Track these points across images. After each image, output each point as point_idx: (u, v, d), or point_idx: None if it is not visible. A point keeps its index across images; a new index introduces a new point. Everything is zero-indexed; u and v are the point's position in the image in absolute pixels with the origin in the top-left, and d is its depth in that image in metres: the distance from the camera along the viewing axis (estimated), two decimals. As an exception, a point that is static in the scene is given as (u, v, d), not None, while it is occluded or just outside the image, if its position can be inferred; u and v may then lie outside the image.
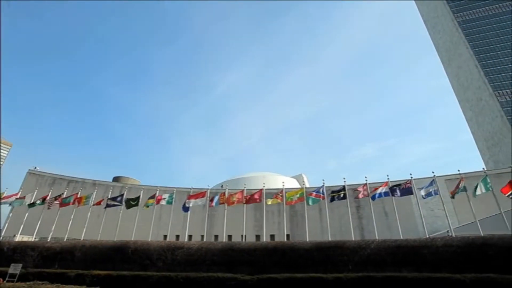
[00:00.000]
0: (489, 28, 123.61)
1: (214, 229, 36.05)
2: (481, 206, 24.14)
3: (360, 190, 25.15)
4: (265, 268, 16.60)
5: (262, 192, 26.67)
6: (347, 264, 16.35)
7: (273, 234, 35.22)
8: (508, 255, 14.36)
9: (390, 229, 27.69)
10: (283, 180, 45.07)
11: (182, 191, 34.90)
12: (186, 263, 18.85)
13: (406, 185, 24.04)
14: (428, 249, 16.06)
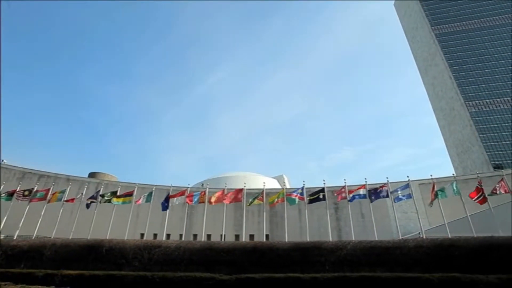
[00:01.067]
0: (463, 42, 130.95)
1: (193, 228, 35.60)
2: (449, 210, 25.49)
3: (339, 192, 25.83)
4: (244, 267, 16.61)
5: (242, 191, 26.68)
6: (324, 264, 16.72)
7: (252, 234, 35.29)
8: (472, 256, 15.30)
9: (366, 230, 28.60)
10: (264, 180, 45.33)
11: (161, 189, 34.15)
12: (164, 262, 18.48)
13: (383, 188, 24.98)
14: (401, 250, 16.76)
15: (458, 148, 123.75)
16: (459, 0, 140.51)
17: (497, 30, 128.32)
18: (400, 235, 25.64)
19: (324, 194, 25.10)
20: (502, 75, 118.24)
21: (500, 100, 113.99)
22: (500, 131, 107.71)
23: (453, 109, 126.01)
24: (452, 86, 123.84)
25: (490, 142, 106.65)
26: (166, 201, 26.49)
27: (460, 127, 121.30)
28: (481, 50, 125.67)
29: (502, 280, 11.64)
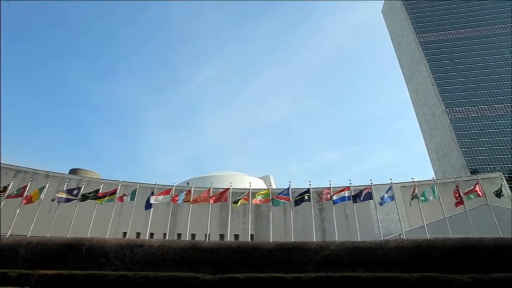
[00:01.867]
0: (446, 50, 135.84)
1: (177, 227, 35.13)
2: (429, 212, 26.41)
3: (324, 193, 26.22)
4: (228, 267, 16.56)
5: (228, 191, 26.60)
6: (308, 265, 16.91)
7: (237, 234, 35.24)
8: (449, 256, 15.91)
9: (350, 231, 29.14)
10: (250, 180, 45.34)
11: (145, 187, 33.53)
12: (146, 262, 18.15)
13: (366, 190, 25.55)
14: (382, 250, 17.18)
15: (439, 152, 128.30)
16: (443, 11, 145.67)
17: (478, 40, 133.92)
18: (382, 236, 26.32)
19: (309, 195, 25.40)
20: (481, 83, 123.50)
21: (479, 107, 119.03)
22: (477, 137, 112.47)
23: (434, 115, 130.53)
24: (434, 92, 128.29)
25: (468, 147, 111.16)
26: (150, 200, 26.05)
27: (441, 133, 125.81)
28: (462, 59, 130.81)
29: (475, 280, 12.16)
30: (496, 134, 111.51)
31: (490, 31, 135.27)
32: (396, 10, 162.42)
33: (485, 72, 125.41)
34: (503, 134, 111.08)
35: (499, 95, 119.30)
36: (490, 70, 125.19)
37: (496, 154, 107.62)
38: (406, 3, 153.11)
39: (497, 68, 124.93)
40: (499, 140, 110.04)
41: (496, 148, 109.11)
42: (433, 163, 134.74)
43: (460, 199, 24.65)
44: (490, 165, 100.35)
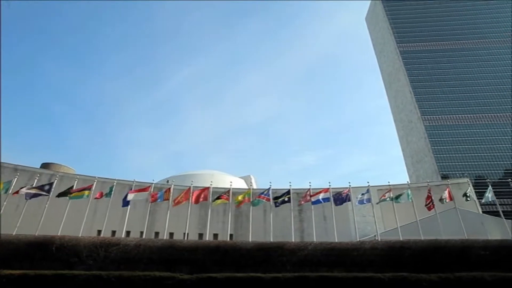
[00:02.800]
0: (424, 61, 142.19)
1: (155, 226, 34.33)
2: (403, 214, 27.50)
3: (304, 194, 26.64)
4: (206, 267, 16.42)
5: (209, 190, 26.38)
6: (286, 265, 17.11)
7: (216, 233, 34.94)
8: (419, 257, 16.70)
9: (327, 232, 29.74)
10: (231, 179, 45.09)
11: (123, 183, 32.53)
12: (121, 261, 17.60)
13: (345, 192, 26.24)
14: (358, 251, 17.72)
15: (413, 158, 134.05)
16: (423, 23, 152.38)
17: (455, 53, 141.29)
18: (358, 237, 27.09)
19: (289, 196, 25.71)
20: (455, 94, 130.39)
21: (452, 116, 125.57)
22: (449, 145, 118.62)
23: (411, 121, 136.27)
24: (412, 100, 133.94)
25: (440, 154, 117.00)
26: (127, 197, 25.30)
27: (416, 139, 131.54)
28: (439, 70, 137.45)
29: (441, 279, 12.85)
30: (466, 142, 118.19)
31: (466, 45, 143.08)
32: (379, 19, 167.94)
33: (459, 83, 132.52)
34: (472, 142, 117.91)
35: (471, 106, 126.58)
36: (463, 81, 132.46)
37: (465, 161, 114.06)
38: (389, 13, 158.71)
39: (470, 80, 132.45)
40: (468, 148, 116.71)
41: (465, 155, 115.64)
42: (408, 167, 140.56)
43: (431, 203, 25.90)
44: (459, 171, 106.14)
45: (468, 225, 25.02)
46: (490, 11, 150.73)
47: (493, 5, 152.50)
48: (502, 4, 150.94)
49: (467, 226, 24.72)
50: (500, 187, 76.63)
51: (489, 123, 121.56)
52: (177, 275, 14.35)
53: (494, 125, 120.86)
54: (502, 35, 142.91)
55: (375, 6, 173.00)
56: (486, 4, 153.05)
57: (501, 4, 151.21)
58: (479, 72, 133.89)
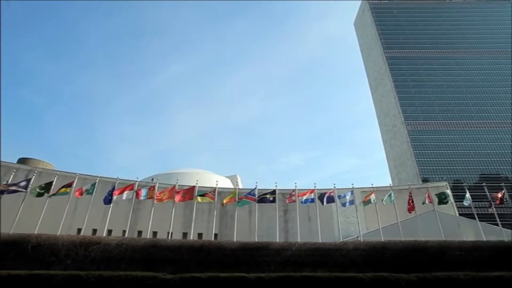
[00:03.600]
0: (409, 67, 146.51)
1: (138, 225, 33.64)
2: (385, 216, 28.22)
3: (289, 195, 26.86)
4: (190, 267, 16.25)
5: (194, 189, 26.14)
6: (270, 265, 17.20)
7: (201, 233, 34.64)
8: (399, 257, 17.20)
9: (312, 232, 30.09)
10: (217, 179, 44.87)
11: (105, 181, 31.66)
12: (102, 260, 17.15)
13: (330, 193, 26.66)
14: (340, 251, 18.06)
15: (396, 161, 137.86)
16: (409, 31, 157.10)
17: (438, 61, 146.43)
18: (342, 238, 27.59)
19: (274, 196, 25.85)
20: (438, 100, 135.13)
21: (434, 122, 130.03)
22: (430, 149, 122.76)
23: (395, 125, 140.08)
24: (396, 105, 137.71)
25: (422, 158, 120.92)
26: (110, 195, 24.68)
27: (399, 143, 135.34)
28: (423, 76, 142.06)
29: (419, 278, 13.31)
30: (446, 147, 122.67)
31: (449, 54, 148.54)
32: (367, 25, 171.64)
33: (441, 90, 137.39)
34: (451, 147, 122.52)
35: (451, 112, 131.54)
36: (445, 89, 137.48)
37: (444, 165, 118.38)
38: (376, 19, 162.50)
39: (451, 87, 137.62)
40: (447, 152, 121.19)
41: (445, 159, 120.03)
42: (391, 170, 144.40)
43: (412, 205, 26.75)
44: (439, 174, 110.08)
45: (445, 227, 25.98)
46: (472, 23, 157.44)
47: (475, 18, 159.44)
48: (483, 17, 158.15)
49: (445, 228, 25.67)
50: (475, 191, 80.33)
51: (468, 129, 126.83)
52: (159, 275, 14.13)
53: (472, 132, 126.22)
54: (483, 46, 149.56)
55: (364, 12, 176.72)
56: (469, 17, 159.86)
57: (483, 17, 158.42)
58: (460, 81, 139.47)
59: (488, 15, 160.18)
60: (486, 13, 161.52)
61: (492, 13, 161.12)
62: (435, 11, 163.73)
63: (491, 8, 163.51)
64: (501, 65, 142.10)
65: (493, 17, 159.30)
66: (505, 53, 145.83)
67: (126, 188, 25.49)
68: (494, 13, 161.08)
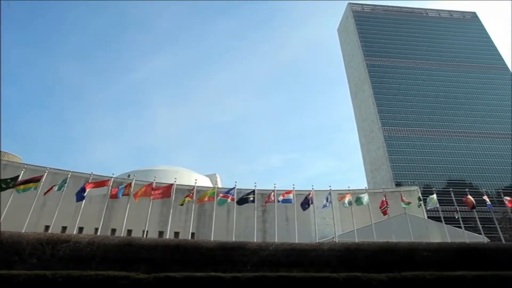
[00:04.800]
0: (388, 75, 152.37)
1: (112, 222, 32.42)
2: (360, 217, 29.15)
3: (268, 195, 27.04)
4: (165, 266, 15.89)
5: (172, 187, 25.65)
6: (246, 264, 17.20)
7: (177, 232, 34.00)
8: (372, 258, 17.83)
9: (289, 233, 30.46)
10: (196, 177, 44.23)
11: (78, 176, 30.32)
12: (71, 259, 16.33)
13: (308, 195, 27.14)
14: (316, 252, 18.41)
15: (372, 165, 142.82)
16: (389, 41, 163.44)
17: (416, 71, 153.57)
18: (318, 239, 28.14)
19: (254, 196, 25.92)
20: (413, 108, 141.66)
21: (408, 129, 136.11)
22: (404, 155, 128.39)
23: (372, 131, 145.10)
24: (374, 111, 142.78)
25: (396, 163, 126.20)
26: (83, 191, 23.61)
27: (376, 147, 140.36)
28: (401, 85, 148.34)
29: (389, 278, 13.89)
30: (418, 153, 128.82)
31: (424, 65, 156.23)
32: (349, 32, 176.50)
33: (415, 99, 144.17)
34: (423, 153, 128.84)
35: (425, 121, 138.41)
36: (419, 98, 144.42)
37: (416, 170, 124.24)
38: (359, 27, 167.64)
39: (425, 97, 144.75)
40: (419, 159, 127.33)
41: (417, 165, 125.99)
42: (367, 174, 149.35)
43: (386, 208, 27.82)
44: (411, 179, 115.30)
45: (415, 229, 27.27)
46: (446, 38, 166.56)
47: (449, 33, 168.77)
48: (456, 33, 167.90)
49: (414, 230, 26.94)
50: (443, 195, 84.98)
51: (437, 138, 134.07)
52: (132, 274, 13.71)
53: (441, 140, 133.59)
54: (455, 59, 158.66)
55: (347, 19, 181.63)
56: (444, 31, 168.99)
57: (456, 32, 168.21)
58: (433, 91, 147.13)
59: (461, 31, 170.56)
60: (460, 29, 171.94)
61: (464, 30, 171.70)
62: (414, 24, 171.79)
63: (464, 25, 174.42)
64: (469, 79, 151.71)
65: (465, 33, 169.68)
66: (474, 67, 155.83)
67: (100, 184, 24.48)
68: (467, 30, 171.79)
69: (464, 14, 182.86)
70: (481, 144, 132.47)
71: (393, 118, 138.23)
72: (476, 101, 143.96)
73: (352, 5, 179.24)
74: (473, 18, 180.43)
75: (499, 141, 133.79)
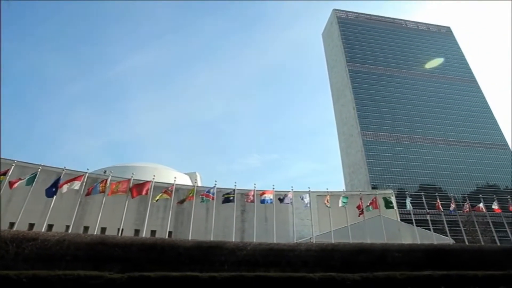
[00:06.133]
0: (369, 82, 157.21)
1: (85, 220, 31.10)
2: (337, 219, 29.87)
3: (248, 195, 27.08)
4: (141, 265, 15.47)
5: (150, 184, 25.05)
6: (224, 264, 17.13)
7: (154, 230, 33.21)
8: (347, 258, 18.35)
9: (267, 233, 30.67)
10: (175, 175, 43.43)
11: (49, 170, 28.81)
12: (38, 258, 15.49)
13: (287, 195, 27.46)
14: (293, 252, 18.67)
15: (351, 168, 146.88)
16: (372, 48, 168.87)
17: (395, 79, 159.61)
18: (296, 239, 28.55)
19: (234, 195, 25.86)
20: (391, 115, 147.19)
21: (386, 134, 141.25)
22: (381, 159, 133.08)
23: (351, 135, 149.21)
24: (354, 116, 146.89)
25: (373, 166, 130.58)
26: (54, 186, 22.49)
27: (355, 151, 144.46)
28: (381, 91, 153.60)
29: (363, 278, 14.35)
30: (394, 158, 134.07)
31: (404, 73, 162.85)
32: (334, 37, 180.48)
33: (393, 106, 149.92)
34: (398, 158, 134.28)
35: (400, 127, 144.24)
36: (397, 105, 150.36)
37: (391, 175, 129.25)
38: (343, 33, 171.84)
39: (402, 104, 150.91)
40: (395, 163, 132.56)
41: (392, 169, 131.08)
42: (345, 177, 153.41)
43: (362, 210, 28.74)
44: (386, 183, 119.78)
45: (388, 230, 28.36)
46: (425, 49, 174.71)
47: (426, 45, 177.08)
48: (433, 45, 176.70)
49: (387, 231, 28.02)
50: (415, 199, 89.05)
51: (412, 144, 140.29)
52: (105, 274, 13.21)
53: (415, 146, 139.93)
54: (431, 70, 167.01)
55: (332, 25, 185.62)
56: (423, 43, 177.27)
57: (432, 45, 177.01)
58: (409, 99, 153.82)
59: (436, 44, 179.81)
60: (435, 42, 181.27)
61: (439, 43, 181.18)
62: (395, 34, 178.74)
63: (439, 38, 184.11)
64: (441, 89, 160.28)
65: (440, 46, 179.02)
66: (446, 79, 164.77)
67: (73, 180, 23.41)
68: (441, 43, 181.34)
69: (440, 28, 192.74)
70: (450, 152, 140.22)
71: (372, 123, 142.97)
72: (446, 111, 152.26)
73: (337, 11, 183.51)
74: (448, 32, 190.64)
75: (466, 149, 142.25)
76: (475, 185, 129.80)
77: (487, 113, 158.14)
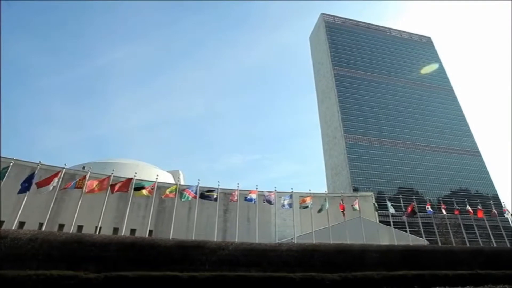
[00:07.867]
0: (353, 86, 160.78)
1: (60, 217, 29.86)
2: (319, 220, 30.36)
3: (232, 194, 26.99)
4: (119, 265, 15.04)
5: (131, 182, 24.43)
6: (205, 264, 16.96)
7: (134, 229, 32.41)
8: (327, 258, 18.68)
9: (250, 233, 30.71)
10: (157, 172, 42.63)
11: (23, 165, 27.49)
12: (7, 258, 14.70)
13: (270, 195, 27.59)
14: (275, 252, 18.78)
15: (333, 170, 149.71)
16: (358, 54, 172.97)
17: (376, 84, 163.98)
18: (277, 239, 28.75)
19: (217, 195, 25.69)
20: (371, 119, 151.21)
21: (368, 138, 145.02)
22: (362, 162, 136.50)
23: (335, 137, 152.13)
24: (338, 118, 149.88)
25: (355, 169, 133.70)
26: (27, 182, 21.44)
27: (337, 153, 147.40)
28: (364, 96, 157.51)
29: (341, 277, 14.69)
30: (375, 161, 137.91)
31: (386, 79, 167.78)
32: (320, 41, 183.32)
33: (375, 110, 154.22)
34: (379, 162, 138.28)
35: (381, 131, 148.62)
36: (379, 109, 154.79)
37: (372, 177, 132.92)
38: (330, 37, 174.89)
39: (384, 109, 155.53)
40: (376, 166, 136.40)
41: (373, 172, 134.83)
42: (328, 178, 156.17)
43: (344, 211, 29.35)
44: (367, 185, 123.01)
45: (367, 231, 29.15)
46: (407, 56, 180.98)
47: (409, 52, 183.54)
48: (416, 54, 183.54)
49: (367, 232, 28.79)
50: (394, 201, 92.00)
51: (392, 148, 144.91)
52: (81, 274, 12.75)
53: (395, 150, 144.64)
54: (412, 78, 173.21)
55: (319, 29, 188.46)
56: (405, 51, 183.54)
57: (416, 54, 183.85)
58: (392, 105, 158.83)
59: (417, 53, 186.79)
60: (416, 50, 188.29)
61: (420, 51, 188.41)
62: (379, 40, 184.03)
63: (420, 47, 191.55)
64: (421, 97, 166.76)
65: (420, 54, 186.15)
66: (425, 87, 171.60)
67: (51, 178, 22.30)
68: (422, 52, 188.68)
69: (421, 37, 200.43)
70: (427, 157, 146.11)
71: (354, 127, 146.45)
72: (425, 117, 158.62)
73: (325, 16, 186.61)
74: (428, 42, 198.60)
75: (442, 155, 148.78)
76: (449, 189, 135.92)
77: (461, 121, 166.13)
